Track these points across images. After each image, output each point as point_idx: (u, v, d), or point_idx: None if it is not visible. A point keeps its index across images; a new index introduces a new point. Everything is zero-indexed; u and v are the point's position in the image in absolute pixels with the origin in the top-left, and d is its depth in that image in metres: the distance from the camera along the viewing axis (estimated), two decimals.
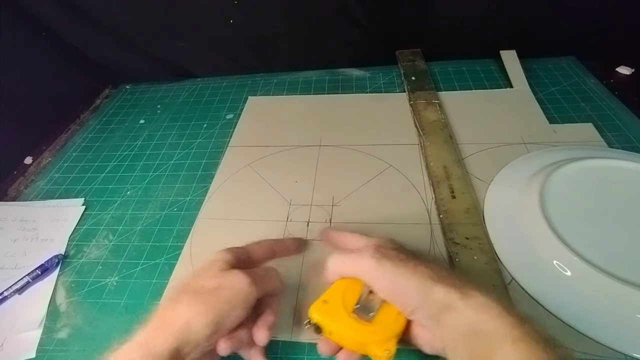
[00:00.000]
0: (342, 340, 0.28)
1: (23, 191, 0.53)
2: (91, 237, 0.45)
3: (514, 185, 0.41)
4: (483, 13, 0.56)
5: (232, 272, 0.28)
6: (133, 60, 0.66)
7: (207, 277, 0.28)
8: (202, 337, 0.25)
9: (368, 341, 0.27)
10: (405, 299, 0.27)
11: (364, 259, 0.28)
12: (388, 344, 0.26)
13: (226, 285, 0.27)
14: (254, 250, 0.33)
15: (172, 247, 0.42)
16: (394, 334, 0.27)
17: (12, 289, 0.39)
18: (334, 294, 0.29)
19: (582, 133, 0.47)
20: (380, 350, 0.26)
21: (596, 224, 0.35)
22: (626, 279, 0.30)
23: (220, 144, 0.54)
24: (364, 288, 0.29)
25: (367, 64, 0.65)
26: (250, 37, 0.62)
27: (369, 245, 0.30)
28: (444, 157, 0.46)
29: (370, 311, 0.28)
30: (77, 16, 0.59)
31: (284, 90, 0.64)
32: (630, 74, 0.56)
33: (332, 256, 0.31)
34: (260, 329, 0.29)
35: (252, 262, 0.32)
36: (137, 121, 0.62)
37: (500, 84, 0.58)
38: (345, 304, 0.28)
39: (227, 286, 0.27)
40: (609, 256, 0.32)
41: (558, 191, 0.37)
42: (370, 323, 0.27)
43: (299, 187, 0.46)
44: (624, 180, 0.38)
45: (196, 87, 0.68)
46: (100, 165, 0.54)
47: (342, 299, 0.29)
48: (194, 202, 0.46)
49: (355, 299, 0.28)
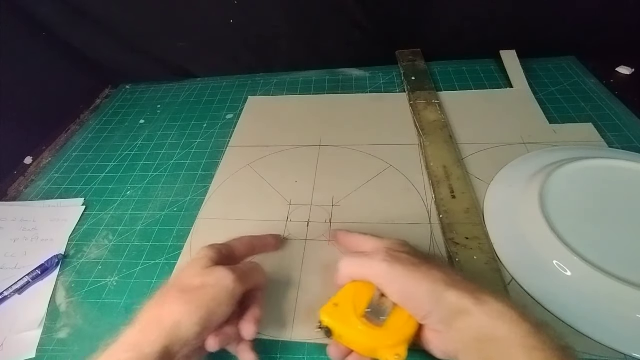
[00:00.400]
0: (352, 344, 0.28)
1: (23, 191, 0.53)
2: (91, 237, 0.45)
3: (514, 185, 0.41)
4: (483, 13, 0.56)
5: (216, 268, 0.29)
6: (133, 60, 0.66)
7: (191, 275, 0.28)
8: (192, 335, 0.26)
9: (379, 346, 0.27)
10: (418, 303, 0.26)
11: (376, 262, 0.28)
12: (399, 349, 0.26)
13: (211, 283, 0.28)
14: (236, 246, 0.33)
15: (172, 247, 0.42)
16: (404, 339, 0.27)
17: (12, 289, 0.39)
18: (344, 297, 0.29)
19: (582, 133, 0.47)
20: (391, 355, 0.26)
21: (596, 224, 0.35)
22: (626, 279, 0.30)
23: (220, 144, 0.54)
24: (375, 292, 0.28)
25: (367, 64, 0.65)
26: (250, 37, 0.62)
27: (380, 248, 0.29)
28: (444, 157, 0.46)
29: (381, 315, 0.27)
30: (77, 16, 0.59)
31: (284, 90, 0.64)
32: (630, 74, 0.56)
33: (344, 259, 0.31)
34: (247, 323, 0.29)
35: (234, 258, 0.32)
36: (137, 121, 0.62)
37: (500, 84, 0.58)
38: (356, 308, 0.28)
39: (212, 283, 0.28)
40: (609, 256, 0.32)
41: (558, 191, 0.37)
42: (381, 327, 0.27)
43: (299, 187, 0.46)
44: (624, 180, 0.38)
45: (196, 87, 0.68)
46: (100, 165, 0.54)
47: (352, 302, 0.28)
48: (194, 202, 0.46)
49: (366, 303, 0.28)
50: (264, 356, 0.32)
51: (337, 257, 0.37)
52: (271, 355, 0.32)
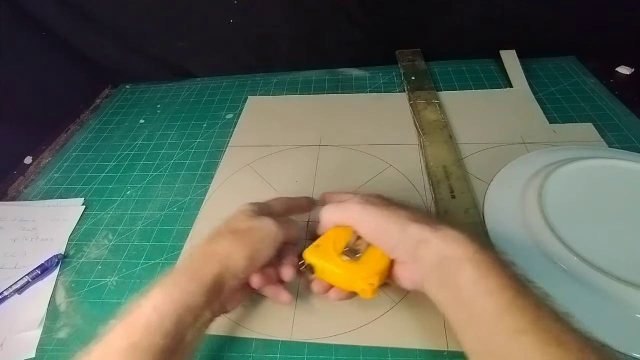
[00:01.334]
0: (332, 279, 0.32)
1: (23, 191, 0.53)
2: (91, 237, 0.45)
3: (514, 186, 0.41)
4: (483, 13, 0.56)
5: (261, 217, 0.32)
6: (133, 60, 0.66)
7: (239, 221, 0.32)
8: (241, 268, 0.29)
9: (355, 277, 0.30)
10: (386, 238, 0.30)
11: (351, 205, 0.32)
12: (372, 279, 0.29)
13: (258, 227, 0.31)
14: (274, 205, 0.36)
15: (172, 247, 0.42)
16: (378, 271, 0.30)
17: (12, 289, 0.39)
18: (325, 240, 0.32)
19: (582, 133, 0.47)
20: (366, 284, 0.29)
21: (596, 224, 0.35)
22: (626, 279, 0.30)
23: (220, 144, 0.54)
24: (353, 235, 0.31)
25: (367, 64, 0.65)
26: (250, 37, 0.62)
27: (357, 196, 0.33)
28: (444, 157, 0.46)
29: (357, 253, 0.31)
30: (77, 16, 0.59)
31: (284, 90, 0.64)
32: (630, 74, 0.56)
33: (325, 208, 0.34)
34: (286, 267, 0.33)
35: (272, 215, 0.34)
36: (137, 121, 0.62)
37: (500, 84, 0.58)
38: (336, 248, 0.31)
39: (259, 227, 0.31)
40: (609, 256, 0.32)
41: (558, 191, 0.37)
42: (357, 262, 0.30)
43: (299, 187, 0.46)
44: (624, 180, 0.38)
45: (196, 87, 0.68)
46: (100, 165, 0.54)
47: (333, 243, 0.32)
48: (194, 202, 0.46)
49: (344, 244, 0.31)
50: (264, 356, 0.32)
51: None
52: (271, 355, 0.32)
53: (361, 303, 0.34)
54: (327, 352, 0.32)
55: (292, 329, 0.33)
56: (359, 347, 0.32)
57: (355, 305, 0.34)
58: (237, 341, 0.33)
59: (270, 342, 0.33)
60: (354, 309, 0.34)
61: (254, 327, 0.34)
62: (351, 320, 0.33)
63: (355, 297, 0.32)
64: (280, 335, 0.33)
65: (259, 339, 0.33)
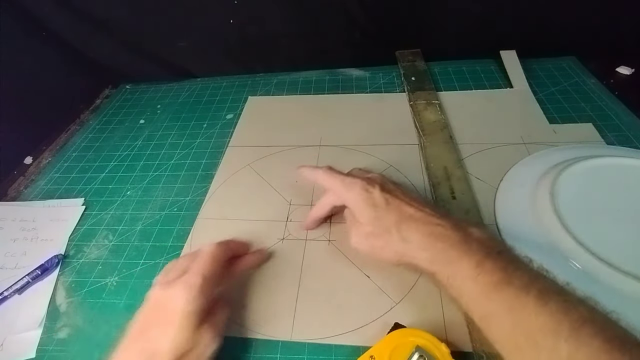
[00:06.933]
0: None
1: (23, 191, 0.53)
2: (91, 237, 0.45)
3: (525, 185, 0.41)
4: (483, 13, 0.56)
5: (169, 290, 0.29)
6: (133, 60, 0.66)
7: (151, 310, 0.29)
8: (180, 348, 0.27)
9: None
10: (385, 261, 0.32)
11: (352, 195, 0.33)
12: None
13: (169, 307, 0.28)
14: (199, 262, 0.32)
15: (172, 247, 0.42)
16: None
17: (12, 289, 0.39)
18: (381, 351, 0.28)
19: (582, 133, 0.47)
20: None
21: (608, 222, 0.35)
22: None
23: (220, 144, 0.54)
24: (414, 350, 0.27)
25: (367, 64, 0.65)
26: (251, 37, 0.62)
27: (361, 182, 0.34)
28: (444, 157, 0.46)
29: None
30: (77, 16, 0.59)
31: (284, 90, 0.64)
32: (630, 74, 0.56)
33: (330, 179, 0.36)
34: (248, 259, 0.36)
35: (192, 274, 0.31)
36: (137, 121, 0.62)
37: (500, 84, 0.58)
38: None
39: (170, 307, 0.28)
40: (623, 253, 0.32)
41: (569, 190, 0.37)
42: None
43: (299, 187, 0.46)
44: (634, 178, 0.38)
45: (196, 87, 0.68)
46: (100, 165, 0.54)
47: (389, 357, 0.27)
48: (194, 202, 0.46)
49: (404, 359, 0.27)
50: (264, 356, 0.32)
51: (337, 257, 0.38)
52: (271, 355, 0.32)
53: (361, 303, 0.34)
54: (327, 352, 0.32)
55: (292, 329, 0.33)
56: (359, 347, 0.31)
57: (355, 305, 0.34)
58: (237, 341, 0.33)
59: (270, 342, 0.33)
60: (354, 309, 0.34)
61: (254, 327, 0.34)
62: (351, 320, 0.33)
63: (354, 297, 0.32)
64: (280, 335, 0.33)
65: (259, 339, 0.33)
